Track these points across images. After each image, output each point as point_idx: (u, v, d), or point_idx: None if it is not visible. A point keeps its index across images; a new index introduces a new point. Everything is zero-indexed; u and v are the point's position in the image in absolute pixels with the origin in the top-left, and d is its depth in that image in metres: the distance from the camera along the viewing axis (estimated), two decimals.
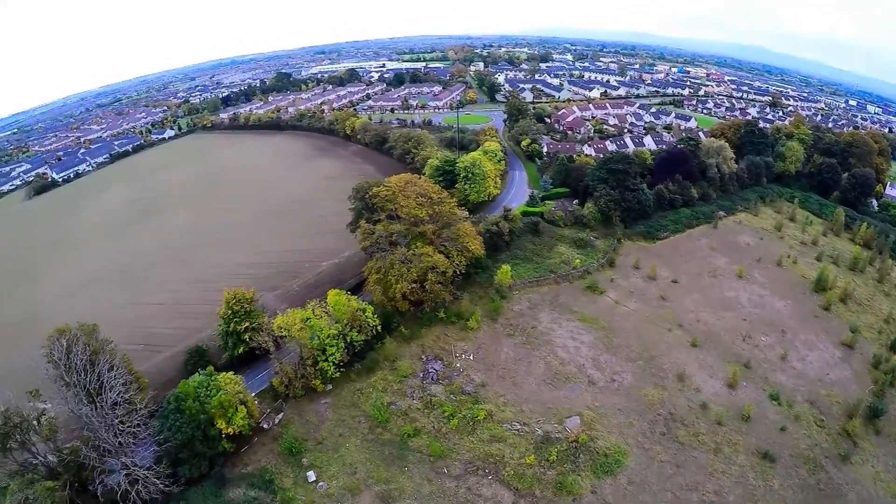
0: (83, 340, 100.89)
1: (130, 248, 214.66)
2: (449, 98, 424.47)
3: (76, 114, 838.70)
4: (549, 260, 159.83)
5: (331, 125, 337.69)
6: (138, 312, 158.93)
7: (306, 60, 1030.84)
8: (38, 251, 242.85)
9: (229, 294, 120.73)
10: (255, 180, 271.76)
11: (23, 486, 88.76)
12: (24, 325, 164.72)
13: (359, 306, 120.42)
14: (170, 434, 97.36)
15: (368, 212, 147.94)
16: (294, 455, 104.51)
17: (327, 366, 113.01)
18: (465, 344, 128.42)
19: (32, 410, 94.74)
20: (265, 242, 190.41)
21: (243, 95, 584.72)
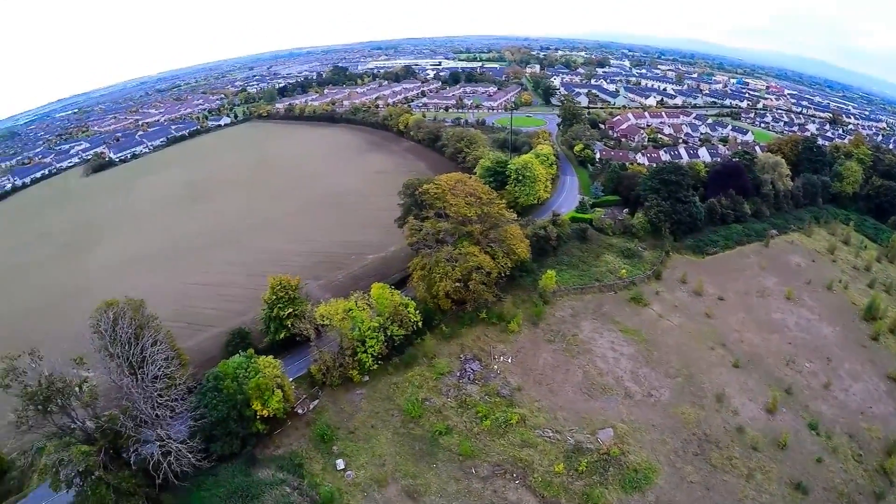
0: (129, 315, 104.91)
1: (181, 229, 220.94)
2: (504, 99, 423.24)
3: (135, 97, 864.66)
4: (595, 268, 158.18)
5: (385, 120, 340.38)
6: (185, 291, 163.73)
7: (363, 55, 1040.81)
8: (93, 226, 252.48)
9: (275, 280, 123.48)
10: (306, 170, 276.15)
11: (59, 448, 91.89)
12: (75, 296, 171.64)
13: (401, 301, 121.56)
14: (206, 411, 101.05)
15: (417, 208, 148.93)
16: (325, 442, 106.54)
17: (366, 357, 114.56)
18: (505, 346, 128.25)
19: (75, 377, 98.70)
20: (313, 232, 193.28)
21: (299, 87, 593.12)
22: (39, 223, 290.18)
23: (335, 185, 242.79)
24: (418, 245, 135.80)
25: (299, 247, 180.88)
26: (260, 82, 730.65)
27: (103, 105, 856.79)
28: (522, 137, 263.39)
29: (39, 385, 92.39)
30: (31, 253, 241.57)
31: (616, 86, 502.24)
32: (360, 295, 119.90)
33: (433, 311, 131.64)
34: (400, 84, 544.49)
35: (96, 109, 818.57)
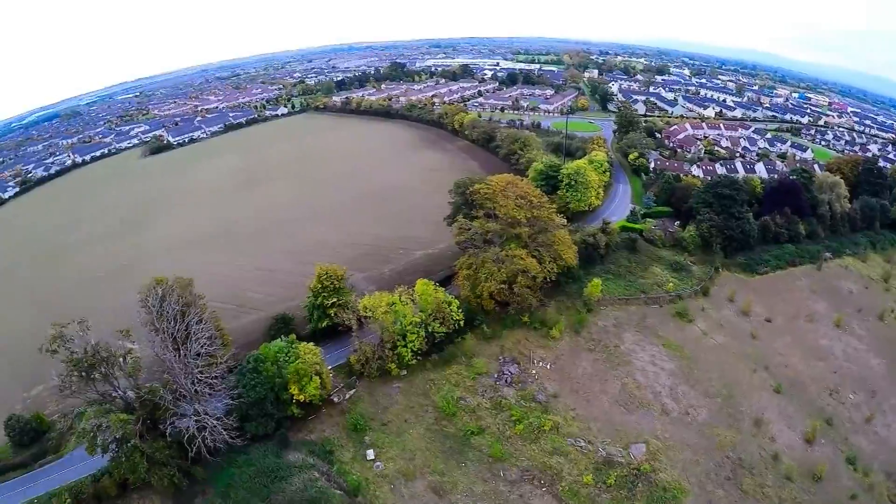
0: (177, 292, 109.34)
1: (234, 214, 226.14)
2: (560, 103, 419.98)
3: (196, 84, 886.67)
4: (642, 279, 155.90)
5: (440, 118, 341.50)
6: (233, 274, 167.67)
7: (421, 52, 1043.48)
8: (148, 205, 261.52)
9: (321, 269, 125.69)
10: (359, 164, 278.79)
11: (99, 414, 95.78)
12: (127, 271, 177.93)
13: (445, 299, 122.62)
14: (244, 391, 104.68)
15: (467, 207, 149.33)
16: (357, 432, 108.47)
17: (405, 352, 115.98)
18: (545, 352, 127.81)
19: (120, 348, 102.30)
20: (362, 224, 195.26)
21: (357, 81, 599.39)
22: (98, 200, 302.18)
23: (387, 179, 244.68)
24: (466, 244, 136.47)
25: (348, 238, 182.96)
26: (318, 75, 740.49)
27: (164, 90, 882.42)
28: (577, 142, 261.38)
29: (85, 353, 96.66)
30: (89, 227, 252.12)
31: (675, 94, 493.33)
32: (405, 290, 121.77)
33: (476, 311, 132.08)
34: (457, 83, 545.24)
35: (157, 94, 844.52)
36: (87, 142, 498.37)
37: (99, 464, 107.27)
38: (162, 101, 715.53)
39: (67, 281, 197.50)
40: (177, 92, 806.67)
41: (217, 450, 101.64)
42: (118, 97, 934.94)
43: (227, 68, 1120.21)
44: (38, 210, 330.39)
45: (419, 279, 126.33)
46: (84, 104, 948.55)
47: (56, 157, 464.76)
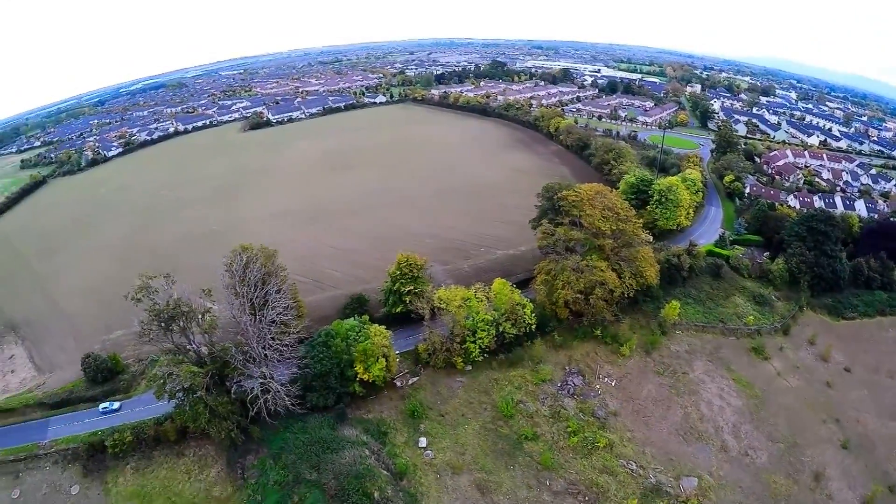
0: (261, 261, 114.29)
1: (323, 193, 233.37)
2: (659, 116, 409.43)
3: (298, 66, 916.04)
4: (722, 308, 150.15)
5: (536, 121, 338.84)
6: (317, 251, 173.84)
7: (522, 53, 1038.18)
8: (243, 177, 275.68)
9: (402, 256, 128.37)
10: (450, 157, 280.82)
11: (171, 364, 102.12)
12: (215, 235, 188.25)
13: (520, 301, 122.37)
14: (311, 362, 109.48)
15: (553, 213, 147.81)
16: (414, 418, 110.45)
17: (473, 347, 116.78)
18: (612, 368, 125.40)
19: (201, 306, 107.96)
20: (448, 217, 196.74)
21: (456, 76, 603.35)
22: (195, 167, 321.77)
23: (477, 175, 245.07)
24: (548, 249, 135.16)
25: (432, 229, 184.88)
26: (419, 67, 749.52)
27: (267, 69, 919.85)
28: (672, 158, 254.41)
29: (167, 305, 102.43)
30: (184, 192, 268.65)
31: (778, 118, 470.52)
32: (481, 287, 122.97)
33: (549, 318, 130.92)
34: (556, 86, 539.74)
35: (260, 72, 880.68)
36: (191, 112, 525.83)
37: (164, 409, 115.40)
38: (265, 79, 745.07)
39: (158, 238, 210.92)
40: (279, 72, 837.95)
41: (276, 414, 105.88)
42: (223, 72, 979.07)
43: (330, 53, 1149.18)
44: (138, 170, 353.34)
45: (497, 278, 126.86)
46: (190, 76, 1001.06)
47: (160, 123, 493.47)
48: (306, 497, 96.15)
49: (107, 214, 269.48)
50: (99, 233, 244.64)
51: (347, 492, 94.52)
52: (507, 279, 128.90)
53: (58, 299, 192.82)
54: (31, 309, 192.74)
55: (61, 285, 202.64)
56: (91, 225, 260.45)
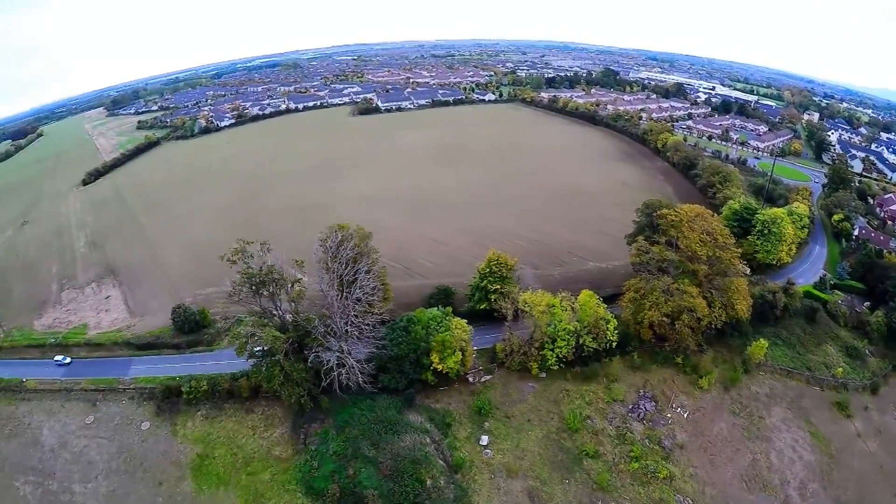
0: (355, 240, 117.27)
1: (423, 184, 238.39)
2: (771, 142, 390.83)
3: (411, 57, 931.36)
4: (811, 355, 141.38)
5: (644, 134, 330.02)
6: (410, 238, 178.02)
7: (636, 63, 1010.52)
8: (346, 158, 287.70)
9: (494, 254, 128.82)
10: (554, 162, 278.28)
11: (255, 325, 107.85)
12: (313, 211, 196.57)
13: (604, 316, 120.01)
14: (389, 344, 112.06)
15: (650, 230, 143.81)
16: (480, 415, 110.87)
17: (551, 355, 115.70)
18: (687, 399, 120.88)
19: (291, 275, 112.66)
20: (544, 222, 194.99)
21: (567, 81, 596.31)
22: (304, 145, 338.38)
23: (578, 183, 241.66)
24: (640, 267, 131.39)
25: (527, 232, 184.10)
26: (530, 68, 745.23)
27: (380, 58, 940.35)
28: (780, 189, 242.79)
29: (260, 270, 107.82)
30: (291, 166, 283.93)
31: None
32: (568, 296, 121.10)
33: (631, 337, 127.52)
34: (668, 101, 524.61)
35: (373, 60, 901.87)
36: (303, 92, 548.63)
37: (241, 366, 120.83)
38: (377, 67, 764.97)
39: (258, 207, 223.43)
40: (392, 62, 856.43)
41: (347, 388, 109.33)
42: (337, 57, 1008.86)
43: (443, 47, 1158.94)
44: (247, 142, 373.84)
45: (584, 290, 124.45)
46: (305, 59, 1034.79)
47: (272, 100, 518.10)
48: (360, 471, 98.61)
49: (212, 180, 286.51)
50: (203, 196, 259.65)
51: (401, 474, 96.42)
52: (595, 292, 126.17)
53: (158, 251, 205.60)
54: (132, 256, 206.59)
55: (162, 239, 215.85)
56: (197, 188, 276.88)
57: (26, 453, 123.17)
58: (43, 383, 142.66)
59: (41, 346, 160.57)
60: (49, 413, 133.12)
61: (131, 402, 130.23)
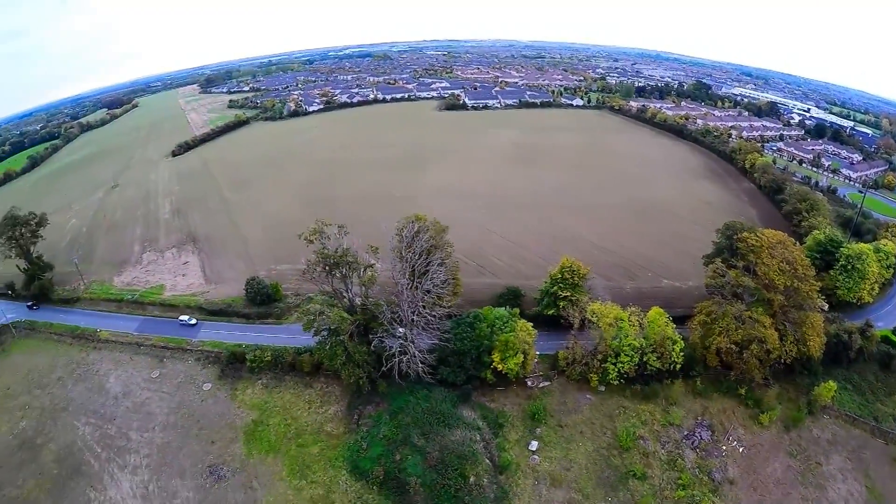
0: (431, 233, 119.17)
1: (503, 183, 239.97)
2: (864, 172, 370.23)
3: (501, 56, 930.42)
4: (881, 406, 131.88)
5: (732, 152, 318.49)
6: (485, 237, 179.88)
7: (730, 78, 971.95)
8: (430, 152, 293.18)
9: (567, 261, 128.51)
10: (635, 173, 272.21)
11: (325, 304, 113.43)
12: (394, 201, 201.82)
13: (672, 336, 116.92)
14: (453, 338, 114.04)
15: (729, 253, 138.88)
16: (533, 420, 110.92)
17: (612, 370, 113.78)
18: (745, 433, 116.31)
19: (365, 260, 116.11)
20: (621, 234, 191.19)
21: (657, 91, 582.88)
22: (388, 135, 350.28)
23: (659, 197, 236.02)
24: (714, 290, 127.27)
25: (603, 241, 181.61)
26: (620, 76, 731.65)
27: (470, 55, 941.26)
28: (869, 223, 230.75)
29: (335, 252, 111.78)
30: (374, 154, 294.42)
31: None
32: (637, 311, 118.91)
33: (696, 361, 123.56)
34: (760, 120, 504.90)
35: (463, 56, 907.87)
36: (392, 84, 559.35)
37: (306, 343, 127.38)
38: (466, 64, 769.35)
39: (338, 191, 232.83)
40: (481, 59, 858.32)
41: (406, 376, 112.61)
42: (427, 51, 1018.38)
43: (533, 48, 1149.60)
44: (333, 128, 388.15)
45: (655, 307, 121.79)
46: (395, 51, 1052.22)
47: (361, 89, 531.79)
48: (407, 458, 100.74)
49: (297, 162, 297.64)
50: (287, 176, 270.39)
51: (446, 467, 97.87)
52: (665, 310, 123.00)
53: (238, 225, 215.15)
54: (213, 227, 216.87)
55: (244, 214, 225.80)
56: (281, 168, 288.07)
57: (91, 397, 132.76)
58: (115, 335, 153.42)
59: (118, 300, 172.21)
60: (117, 363, 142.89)
61: (196, 363, 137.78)
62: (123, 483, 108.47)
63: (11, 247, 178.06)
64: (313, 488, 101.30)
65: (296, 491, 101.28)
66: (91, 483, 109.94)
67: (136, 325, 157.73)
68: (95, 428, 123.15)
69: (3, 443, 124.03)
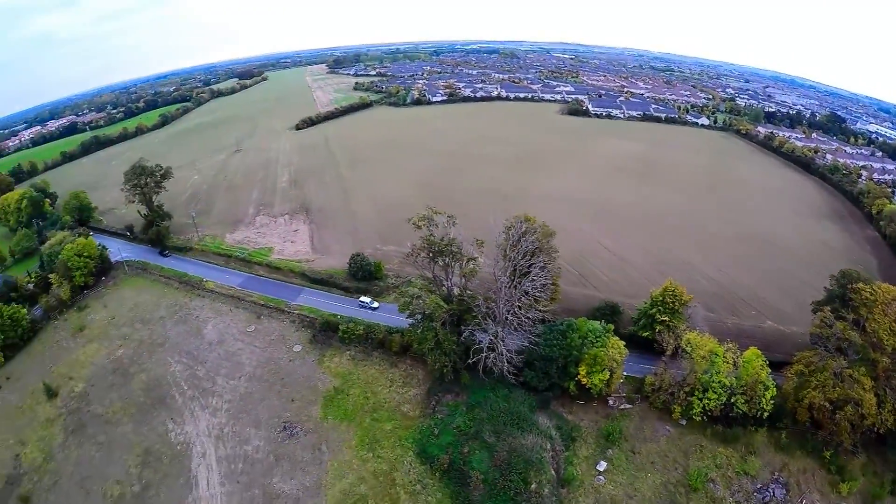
0: (538, 235, 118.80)
1: (615, 196, 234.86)
2: None
3: (628, 66, 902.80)
4: None
5: (859, 195, 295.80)
6: (591, 248, 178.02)
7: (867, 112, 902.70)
8: (546, 154, 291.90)
9: (671, 284, 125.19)
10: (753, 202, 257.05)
11: (423, 289, 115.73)
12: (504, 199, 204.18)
13: (765, 381, 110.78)
14: (542, 343, 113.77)
15: (840, 302, 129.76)
16: (607, 440, 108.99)
17: (697, 404, 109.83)
18: (820, 500, 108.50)
19: (469, 252, 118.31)
20: (730, 265, 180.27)
21: (788, 119, 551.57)
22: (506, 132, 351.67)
23: (776, 234, 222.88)
24: (818, 341, 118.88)
25: (709, 269, 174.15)
26: (751, 98, 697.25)
27: (597, 61, 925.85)
28: None
29: (441, 240, 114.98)
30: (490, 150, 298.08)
31: None
32: (733, 348, 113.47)
33: (785, 413, 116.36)
34: (894, 162, 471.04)
35: (590, 62, 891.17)
36: (516, 83, 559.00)
37: (398, 324, 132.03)
38: (593, 70, 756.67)
39: (451, 182, 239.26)
40: (608, 67, 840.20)
41: (490, 372, 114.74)
42: (554, 53, 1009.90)
43: (662, 60, 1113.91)
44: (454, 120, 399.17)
45: (752, 347, 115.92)
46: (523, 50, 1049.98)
47: (485, 85, 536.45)
48: (474, 453, 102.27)
49: (414, 148, 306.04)
50: (403, 161, 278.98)
51: (511, 469, 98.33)
52: (762, 353, 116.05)
53: (350, 202, 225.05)
54: (326, 201, 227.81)
55: (357, 192, 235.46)
56: (399, 153, 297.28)
57: (187, 339, 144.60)
58: (220, 287, 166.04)
59: (227, 256, 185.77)
60: (217, 313, 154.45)
61: (291, 324, 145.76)
62: (201, 421, 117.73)
63: (136, 194, 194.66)
64: (378, 462, 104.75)
65: (361, 461, 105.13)
66: (172, 416, 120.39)
67: (241, 280, 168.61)
68: (186, 367, 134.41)
69: (100, 365, 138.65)
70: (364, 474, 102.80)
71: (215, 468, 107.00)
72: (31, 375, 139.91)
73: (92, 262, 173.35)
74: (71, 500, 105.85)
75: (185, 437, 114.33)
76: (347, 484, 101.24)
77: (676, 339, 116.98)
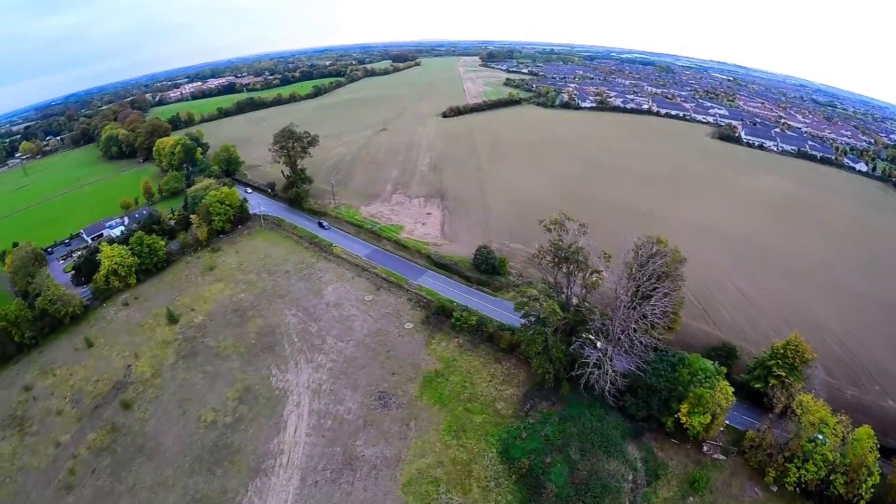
0: (667, 259, 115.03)
1: (754, 231, 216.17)
2: None
3: (788, 95, 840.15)
4: None
5: None
6: (720, 283, 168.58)
7: None
8: (688, 179, 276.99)
9: (794, 338, 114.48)
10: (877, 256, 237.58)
11: (542, 293, 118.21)
12: (640, 217, 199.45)
13: (871, 466, 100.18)
14: (650, 371, 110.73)
15: None
16: (691, 487, 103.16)
17: (794, 473, 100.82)
18: None
19: (594, 264, 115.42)
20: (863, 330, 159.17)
21: None
22: (651, 149, 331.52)
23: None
24: None
25: (840, 332, 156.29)
26: None
27: (756, 86, 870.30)
28: None
29: (568, 247, 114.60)
30: (633, 164, 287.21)
31: None
32: (845, 422, 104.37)
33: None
34: None
35: (748, 86, 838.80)
36: (669, 98, 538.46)
37: (509, 322, 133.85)
38: (750, 96, 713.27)
39: (588, 191, 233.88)
40: (767, 94, 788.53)
41: (591, 389, 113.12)
42: (712, 72, 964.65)
43: (826, 94, 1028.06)
44: (599, 127, 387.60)
45: (866, 425, 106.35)
46: (679, 65, 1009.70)
47: (637, 97, 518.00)
48: (556, 465, 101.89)
49: (557, 151, 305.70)
50: (544, 162, 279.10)
51: (588, 490, 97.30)
52: (875, 434, 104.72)
53: (486, 194, 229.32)
54: (462, 190, 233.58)
55: (495, 186, 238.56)
56: (541, 153, 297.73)
57: (307, 296, 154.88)
58: (347, 254, 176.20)
59: (359, 227, 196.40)
60: (340, 278, 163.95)
61: (408, 302, 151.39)
62: (304, 374, 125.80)
63: (282, 155, 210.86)
64: (460, 451, 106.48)
65: (444, 446, 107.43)
66: (277, 363, 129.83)
67: (368, 252, 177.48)
68: (300, 321, 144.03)
69: (221, 303, 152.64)
70: (443, 459, 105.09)
71: (305, 418, 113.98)
72: (158, 300, 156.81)
73: (232, 210, 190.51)
74: (167, 415, 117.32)
75: (284, 385, 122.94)
76: (425, 464, 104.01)
77: (788, 398, 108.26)
